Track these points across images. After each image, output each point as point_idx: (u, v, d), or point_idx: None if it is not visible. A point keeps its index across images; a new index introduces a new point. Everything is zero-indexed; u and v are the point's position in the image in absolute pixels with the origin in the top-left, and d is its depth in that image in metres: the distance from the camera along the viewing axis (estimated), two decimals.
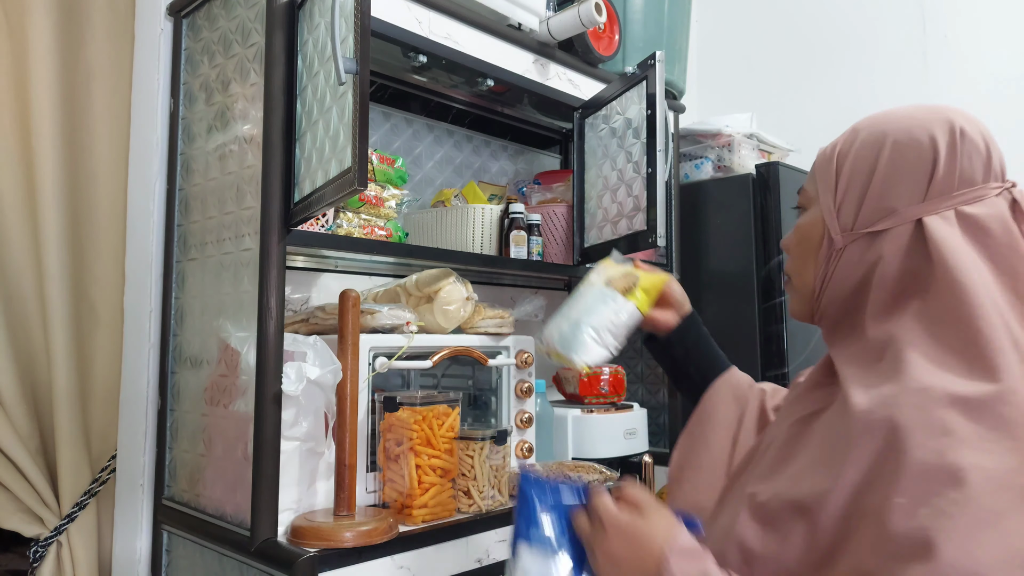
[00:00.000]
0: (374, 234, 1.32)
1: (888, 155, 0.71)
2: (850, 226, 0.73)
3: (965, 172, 0.69)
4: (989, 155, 0.70)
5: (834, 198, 0.74)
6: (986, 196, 0.68)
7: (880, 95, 2.28)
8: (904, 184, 0.70)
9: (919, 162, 0.69)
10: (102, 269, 1.49)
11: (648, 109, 1.43)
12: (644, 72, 1.45)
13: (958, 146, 0.69)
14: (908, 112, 0.73)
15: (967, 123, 0.70)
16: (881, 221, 0.70)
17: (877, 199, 0.71)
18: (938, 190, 0.69)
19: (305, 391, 1.10)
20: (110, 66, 1.50)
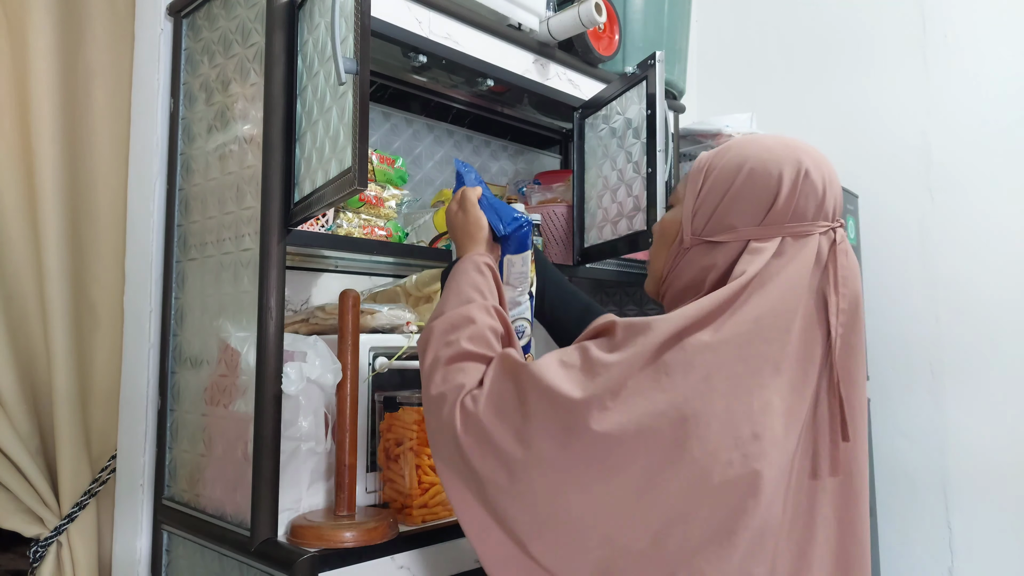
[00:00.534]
0: (374, 234, 1.32)
1: (742, 180, 0.83)
2: (699, 232, 0.86)
3: (799, 208, 0.81)
4: (824, 196, 0.82)
5: (693, 205, 0.87)
6: (812, 232, 0.81)
7: (880, 95, 2.28)
8: (747, 208, 0.82)
9: (763, 192, 0.82)
10: (102, 269, 1.49)
11: (648, 109, 1.43)
12: (644, 72, 1.45)
13: (799, 185, 0.81)
14: (770, 144, 0.85)
15: (813, 165, 0.82)
16: (722, 234, 0.84)
17: (723, 215, 0.84)
18: (773, 219, 0.81)
19: (305, 391, 1.10)
20: (110, 66, 1.50)
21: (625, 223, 1.50)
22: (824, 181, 0.82)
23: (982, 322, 2.06)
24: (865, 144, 2.30)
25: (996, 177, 2.07)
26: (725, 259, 0.83)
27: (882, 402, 2.21)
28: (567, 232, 1.67)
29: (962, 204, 2.12)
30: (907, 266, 2.19)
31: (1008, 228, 2.04)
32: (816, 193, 0.81)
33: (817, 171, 0.82)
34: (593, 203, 1.61)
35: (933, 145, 2.18)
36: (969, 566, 2.03)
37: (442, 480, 0.86)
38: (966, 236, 2.10)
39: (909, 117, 2.22)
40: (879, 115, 2.28)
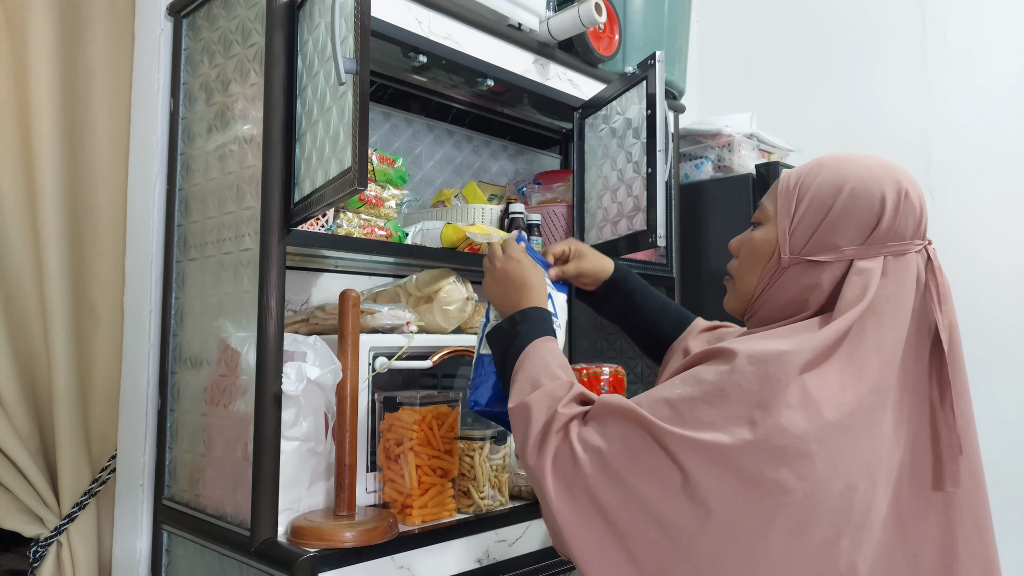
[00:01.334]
0: (374, 234, 1.32)
1: (844, 200, 0.83)
2: (798, 251, 0.86)
3: (899, 228, 0.83)
4: (921, 217, 0.84)
5: (790, 223, 0.86)
6: (909, 251, 0.83)
7: (880, 95, 2.28)
8: (851, 228, 0.83)
9: (868, 213, 0.82)
10: (102, 269, 1.49)
11: (648, 109, 1.43)
12: (644, 72, 1.45)
13: (901, 205, 0.82)
14: (867, 164, 0.85)
15: (911, 187, 0.84)
16: (824, 253, 0.84)
17: (826, 235, 0.84)
18: (876, 239, 0.82)
19: (305, 391, 1.10)
20: (110, 66, 1.50)
21: (625, 223, 1.50)
22: (920, 202, 0.85)
23: (982, 322, 2.06)
24: (865, 144, 2.29)
25: (996, 177, 2.07)
26: (829, 279, 0.83)
27: None
28: (567, 232, 1.67)
29: (962, 204, 2.12)
30: None
31: (1008, 228, 2.04)
32: (915, 213, 0.83)
33: (915, 192, 0.84)
34: (593, 203, 1.61)
35: (933, 145, 2.17)
36: None
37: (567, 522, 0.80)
38: (966, 236, 2.10)
39: (909, 117, 2.22)
40: (879, 115, 2.28)
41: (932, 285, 0.82)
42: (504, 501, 1.30)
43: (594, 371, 1.68)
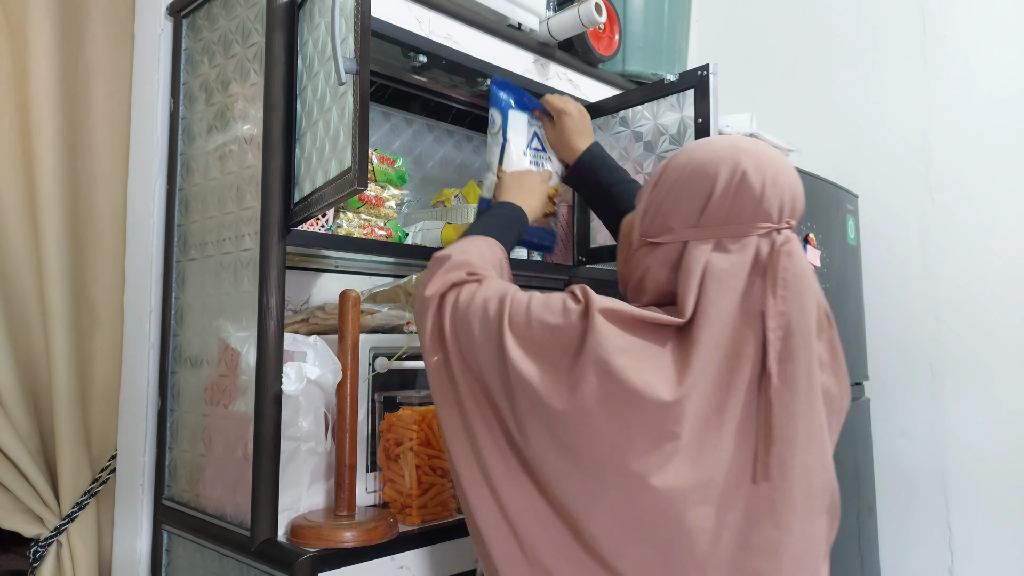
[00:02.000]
0: (374, 234, 1.32)
1: (684, 178, 0.83)
2: (644, 233, 0.87)
3: (735, 209, 0.79)
4: (763, 197, 0.79)
5: (644, 206, 0.87)
6: (749, 234, 0.79)
7: (880, 95, 2.28)
8: (683, 208, 0.82)
9: (699, 192, 0.81)
10: (102, 269, 1.49)
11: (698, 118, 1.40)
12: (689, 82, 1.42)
13: (734, 185, 0.79)
14: (716, 146, 0.84)
15: (753, 166, 0.80)
16: (662, 235, 0.84)
17: (664, 216, 0.84)
18: (708, 220, 0.80)
19: (305, 391, 1.10)
20: (110, 66, 1.50)
21: None
22: (764, 181, 0.79)
23: (982, 322, 2.06)
24: (865, 144, 2.30)
25: (996, 177, 2.07)
26: (665, 259, 0.83)
27: (882, 402, 2.21)
28: (567, 232, 1.67)
29: (962, 204, 2.12)
30: (907, 266, 2.19)
31: (1008, 228, 2.04)
32: (753, 194, 0.79)
33: (757, 171, 0.80)
34: None
35: (933, 145, 2.17)
36: (969, 566, 2.03)
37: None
38: (966, 236, 2.10)
39: (909, 117, 2.22)
40: (879, 115, 2.28)
41: (771, 270, 0.77)
42: None
43: None
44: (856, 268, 2.13)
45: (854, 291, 2.10)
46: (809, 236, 1.85)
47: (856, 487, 1.99)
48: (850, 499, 1.96)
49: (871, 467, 2.12)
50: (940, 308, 2.13)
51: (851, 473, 1.97)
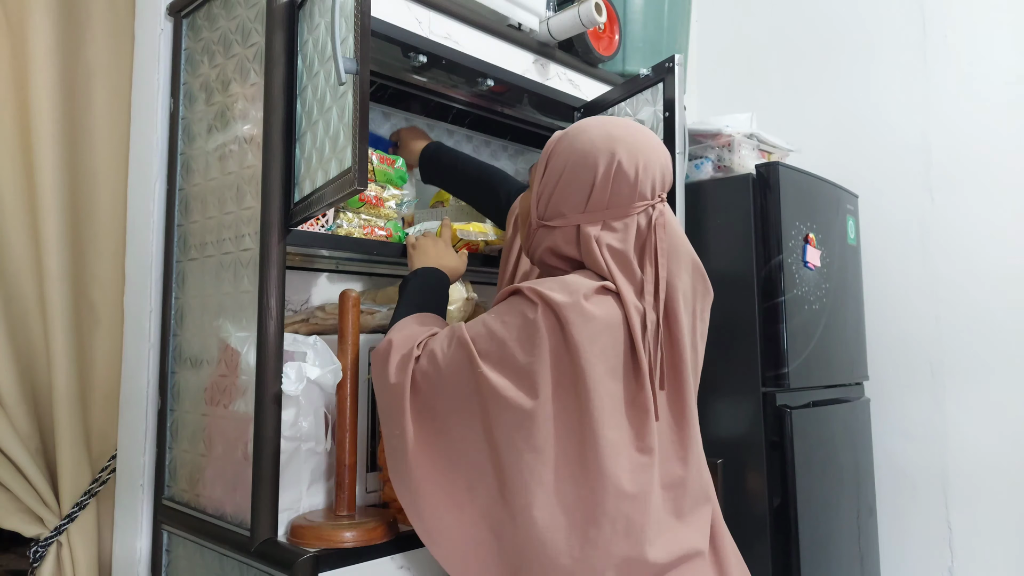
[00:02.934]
0: (374, 234, 1.32)
1: (569, 171, 0.95)
2: (540, 216, 0.99)
3: (615, 194, 0.93)
4: (636, 182, 0.93)
5: (538, 190, 0.99)
6: (630, 214, 0.93)
7: (880, 95, 2.28)
8: (572, 197, 0.94)
9: (583, 183, 0.93)
10: (102, 269, 1.49)
11: (666, 112, 1.42)
12: (660, 75, 1.44)
13: (611, 175, 0.92)
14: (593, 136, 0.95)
15: (626, 155, 0.92)
16: (556, 219, 0.96)
17: (556, 203, 0.96)
18: (593, 207, 0.93)
19: (305, 391, 1.10)
20: (110, 66, 1.50)
21: None
22: (637, 168, 0.92)
23: (982, 322, 2.06)
24: (865, 144, 2.29)
25: (996, 177, 2.07)
26: (564, 241, 0.96)
27: (882, 402, 2.21)
28: None
29: (962, 204, 2.12)
30: (907, 266, 2.19)
31: (1008, 228, 2.04)
32: (629, 180, 0.92)
33: (630, 160, 0.92)
34: None
35: (933, 145, 2.17)
36: (969, 565, 2.03)
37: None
38: (966, 236, 2.10)
39: (909, 117, 2.22)
40: (879, 115, 2.28)
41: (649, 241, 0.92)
42: None
43: None
44: (856, 268, 2.13)
45: (854, 291, 2.10)
46: (809, 236, 1.85)
47: (856, 487, 1.99)
48: (850, 499, 1.96)
49: (871, 467, 2.12)
50: (940, 308, 2.13)
51: (851, 473, 1.97)
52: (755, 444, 1.81)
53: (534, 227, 1.00)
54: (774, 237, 1.85)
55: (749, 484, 1.81)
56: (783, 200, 1.86)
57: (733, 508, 1.82)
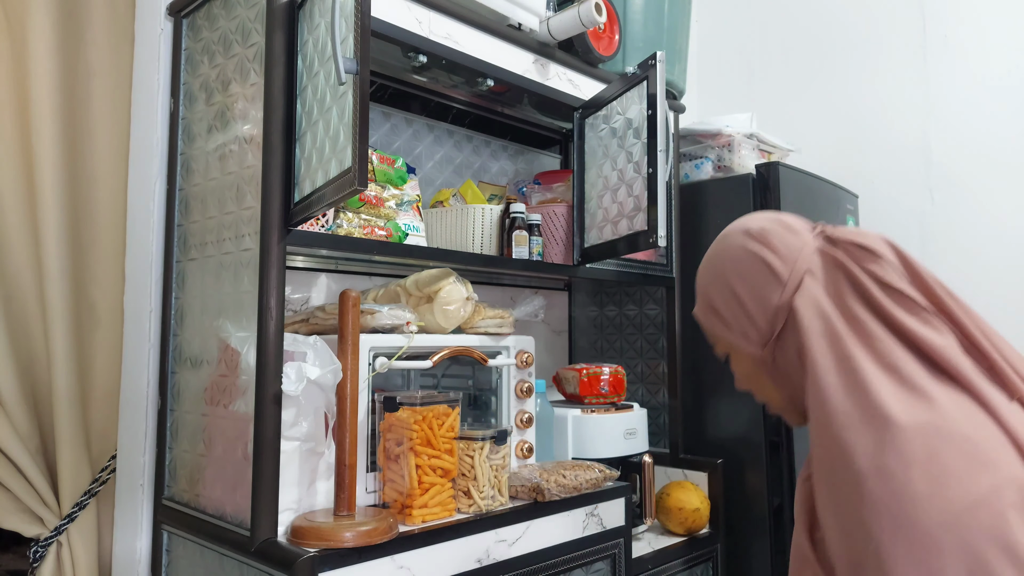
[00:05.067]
0: (374, 234, 1.32)
1: (739, 285, 0.87)
2: (758, 343, 0.87)
3: (788, 252, 0.85)
4: (786, 228, 0.87)
5: (737, 335, 0.88)
6: (811, 249, 0.85)
7: (880, 95, 2.28)
8: (766, 291, 0.85)
9: (762, 272, 0.85)
10: (102, 269, 1.49)
11: (649, 109, 1.43)
12: (645, 72, 1.45)
13: (769, 240, 0.86)
14: (718, 250, 0.91)
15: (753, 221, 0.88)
16: (777, 322, 0.85)
17: (761, 313, 0.86)
18: (784, 272, 0.84)
19: (305, 391, 1.10)
20: (110, 66, 1.50)
21: (625, 223, 1.50)
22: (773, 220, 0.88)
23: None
24: (865, 144, 2.30)
25: (996, 177, 2.07)
26: (794, 336, 0.84)
27: None
28: (567, 232, 1.67)
29: (962, 204, 2.12)
30: None
31: (1008, 228, 2.04)
32: (779, 233, 0.87)
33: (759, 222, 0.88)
34: (593, 203, 1.61)
35: (933, 145, 2.18)
36: None
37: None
38: (966, 236, 2.10)
39: (909, 117, 2.22)
40: (879, 115, 2.28)
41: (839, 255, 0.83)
42: (504, 501, 1.30)
43: (594, 371, 1.68)
44: None
45: None
46: None
47: None
48: None
49: None
50: None
51: None
52: (755, 444, 1.80)
53: (767, 359, 0.87)
54: None
55: (749, 484, 1.81)
56: (783, 200, 1.86)
57: (733, 508, 1.82)
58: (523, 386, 1.47)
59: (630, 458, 1.65)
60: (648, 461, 1.62)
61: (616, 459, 1.61)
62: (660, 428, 1.87)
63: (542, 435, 1.56)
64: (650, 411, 1.83)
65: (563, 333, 2.12)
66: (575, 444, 1.60)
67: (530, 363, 1.48)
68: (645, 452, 1.66)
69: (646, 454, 1.64)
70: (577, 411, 1.61)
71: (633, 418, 1.68)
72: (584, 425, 1.60)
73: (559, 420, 1.61)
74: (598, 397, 1.66)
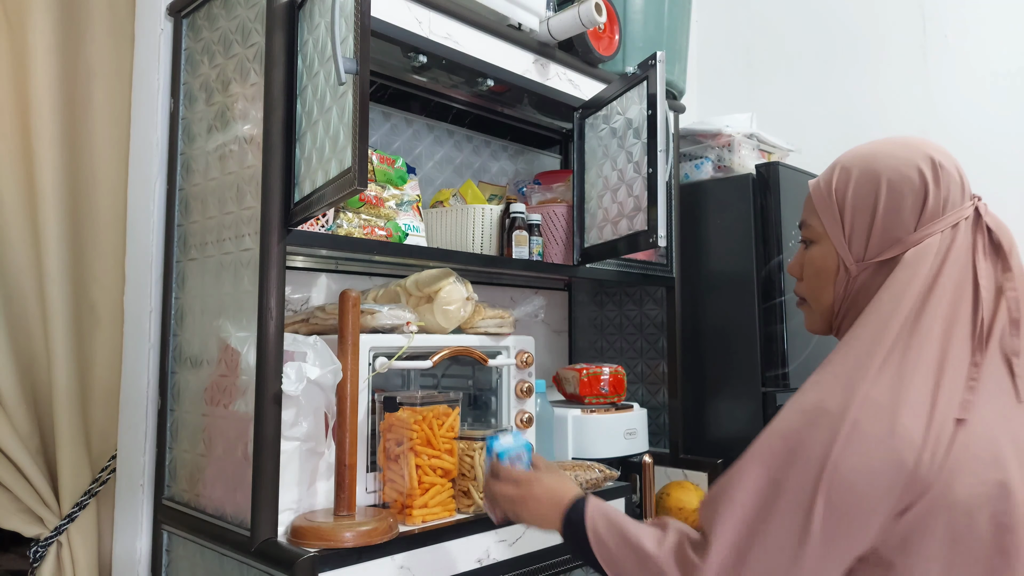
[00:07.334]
0: (374, 234, 1.32)
1: (885, 192, 0.83)
2: (861, 257, 0.85)
3: (949, 198, 0.83)
4: (962, 180, 0.84)
5: (843, 234, 0.86)
6: (963, 217, 0.83)
7: (880, 95, 2.28)
8: (903, 216, 0.83)
9: (913, 197, 0.82)
10: (102, 269, 1.49)
11: (649, 109, 1.43)
12: (644, 72, 1.45)
13: (941, 177, 0.83)
14: (892, 150, 0.85)
15: (942, 156, 0.84)
16: (888, 251, 0.83)
17: (882, 232, 0.84)
18: (928, 218, 0.82)
19: (305, 391, 1.10)
20: (110, 66, 1.50)
21: (625, 223, 1.50)
22: (956, 166, 0.84)
23: None
24: None
25: (996, 177, 2.07)
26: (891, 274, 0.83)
27: None
28: (567, 232, 1.67)
29: None
30: None
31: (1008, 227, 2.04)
32: (955, 179, 0.83)
33: (948, 159, 0.84)
34: (593, 203, 1.61)
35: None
36: None
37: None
38: None
39: (909, 117, 2.22)
40: (879, 115, 2.28)
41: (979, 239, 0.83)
42: None
43: (594, 371, 1.68)
44: None
45: None
46: None
47: None
48: None
49: None
50: None
51: None
52: None
53: (853, 273, 0.86)
54: (774, 237, 1.85)
55: None
56: (783, 200, 1.86)
57: None
58: (523, 386, 1.47)
59: (630, 458, 1.65)
60: (648, 461, 1.62)
61: (616, 459, 1.61)
62: (660, 428, 1.87)
63: (542, 435, 1.56)
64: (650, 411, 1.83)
65: (563, 333, 2.12)
66: (575, 444, 1.60)
67: (530, 363, 1.48)
68: (645, 452, 1.66)
69: (646, 454, 1.64)
70: (577, 411, 1.61)
71: (633, 418, 1.68)
72: (584, 425, 1.60)
73: (559, 420, 1.61)
74: (598, 397, 1.66)
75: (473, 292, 1.38)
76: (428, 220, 1.62)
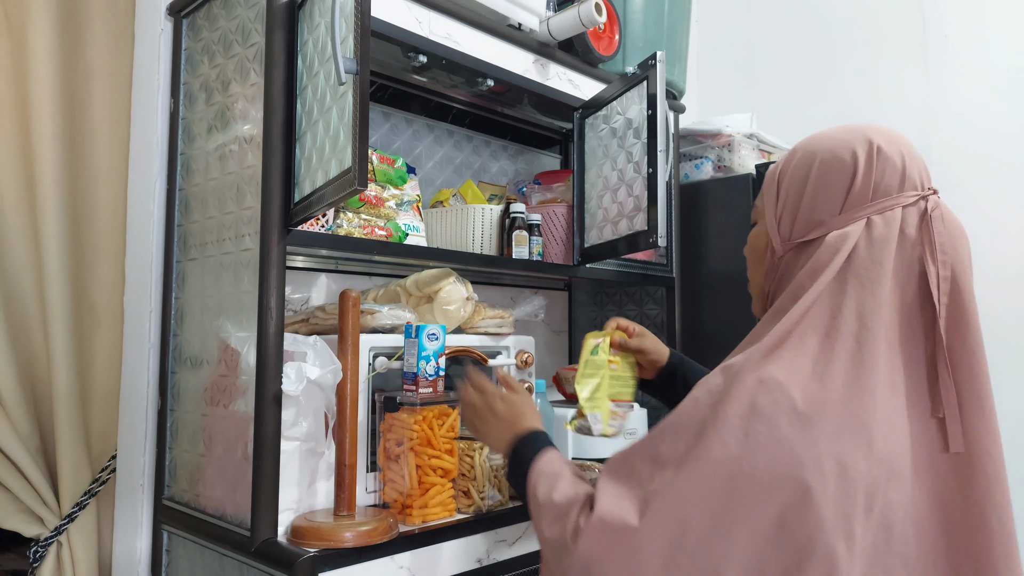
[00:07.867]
0: (374, 234, 1.32)
1: (815, 173, 0.81)
2: (788, 237, 0.83)
3: (880, 185, 0.78)
4: (904, 168, 0.78)
5: (775, 213, 0.85)
6: (896, 206, 0.77)
7: (880, 95, 2.28)
8: (828, 198, 0.80)
9: (840, 177, 0.79)
10: (102, 269, 1.49)
11: (649, 109, 1.43)
12: (645, 72, 1.45)
13: (874, 161, 0.78)
14: (835, 133, 0.83)
15: (886, 141, 0.79)
16: (811, 232, 0.81)
17: (807, 213, 0.81)
18: (854, 202, 0.78)
19: (305, 391, 1.10)
20: (110, 66, 1.50)
21: (625, 223, 1.50)
22: (902, 154, 0.79)
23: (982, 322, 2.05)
24: None
25: (996, 176, 2.07)
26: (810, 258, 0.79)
27: None
28: (567, 232, 1.67)
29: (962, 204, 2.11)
30: None
31: (1009, 227, 2.04)
32: (895, 166, 0.78)
33: (891, 145, 0.79)
34: (593, 203, 1.61)
35: (933, 145, 2.17)
36: None
37: None
38: None
39: (909, 117, 2.22)
40: (879, 115, 2.28)
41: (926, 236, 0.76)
42: (504, 501, 1.29)
43: None
44: None
45: None
46: None
47: None
48: None
49: None
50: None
51: None
52: None
53: (778, 254, 0.84)
54: None
55: None
56: None
57: None
58: (523, 386, 1.46)
59: None
60: None
61: None
62: None
63: None
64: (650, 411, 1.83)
65: (563, 333, 2.12)
66: (575, 444, 1.60)
67: (530, 363, 1.48)
68: None
69: None
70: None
71: (633, 418, 1.68)
72: None
73: (559, 420, 1.61)
74: None
75: (473, 292, 1.38)
76: (428, 220, 1.62)
